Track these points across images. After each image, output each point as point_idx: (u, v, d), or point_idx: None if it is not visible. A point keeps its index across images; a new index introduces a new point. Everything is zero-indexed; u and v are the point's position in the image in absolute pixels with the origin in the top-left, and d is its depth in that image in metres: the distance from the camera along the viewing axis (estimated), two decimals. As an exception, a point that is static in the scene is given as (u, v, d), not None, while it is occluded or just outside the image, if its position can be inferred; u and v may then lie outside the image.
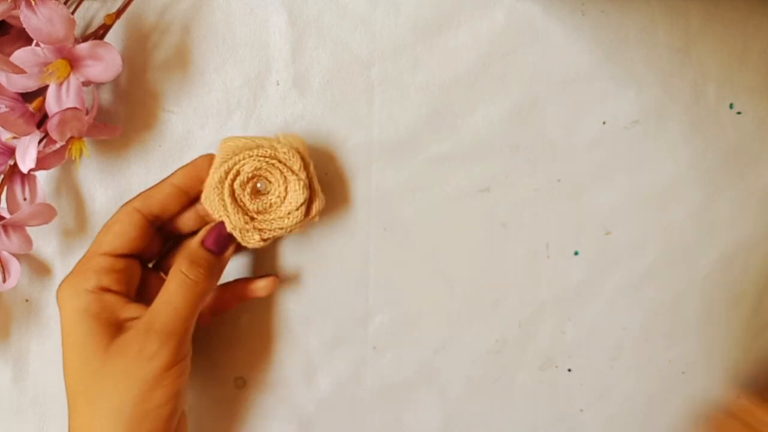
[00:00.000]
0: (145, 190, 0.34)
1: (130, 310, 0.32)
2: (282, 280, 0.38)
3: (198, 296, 0.32)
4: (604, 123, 0.37)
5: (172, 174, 0.34)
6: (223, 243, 0.34)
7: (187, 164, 0.34)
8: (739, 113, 0.37)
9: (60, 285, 0.32)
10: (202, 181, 0.34)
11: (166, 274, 0.35)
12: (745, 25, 0.36)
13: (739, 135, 0.37)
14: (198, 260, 0.32)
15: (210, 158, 0.34)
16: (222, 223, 0.34)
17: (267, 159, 0.33)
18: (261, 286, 0.36)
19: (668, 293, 0.38)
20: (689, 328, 0.38)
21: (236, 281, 0.37)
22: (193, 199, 0.34)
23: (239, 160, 0.33)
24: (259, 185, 0.34)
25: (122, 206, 0.33)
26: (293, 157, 0.33)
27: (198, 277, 0.32)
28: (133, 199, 0.33)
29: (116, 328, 0.31)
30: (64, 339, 0.32)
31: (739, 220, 0.37)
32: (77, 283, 0.32)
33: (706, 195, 0.37)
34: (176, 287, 0.32)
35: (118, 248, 0.32)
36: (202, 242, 0.33)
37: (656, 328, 0.38)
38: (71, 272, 0.32)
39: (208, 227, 0.34)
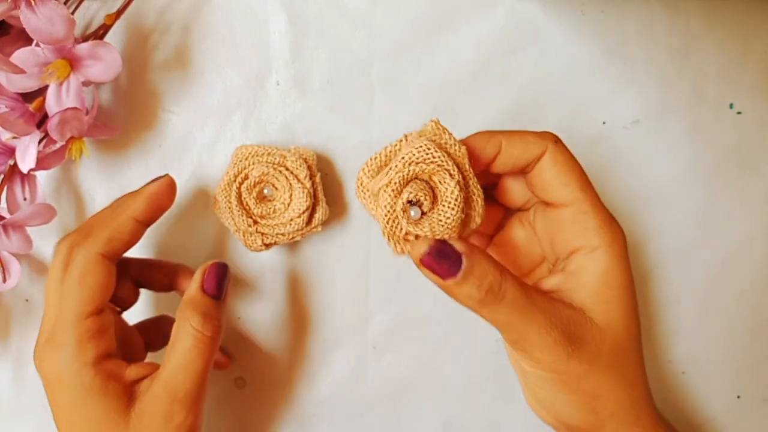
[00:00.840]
0: (102, 228, 0.30)
1: (132, 371, 0.30)
2: (282, 280, 0.38)
3: (215, 351, 0.30)
4: (604, 123, 0.37)
5: (130, 205, 0.31)
6: (223, 281, 0.31)
7: (147, 194, 0.31)
8: (739, 113, 0.37)
9: (42, 357, 0.29)
10: (163, 208, 0.32)
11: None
12: (745, 26, 0.36)
13: (739, 135, 0.37)
14: (209, 311, 0.30)
15: (169, 181, 0.32)
16: (215, 263, 0.32)
17: (275, 165, 0.34)
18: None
19: (668, 293, 0.38)
20: (689, 328, 0.38)
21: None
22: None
23: (248, 165, 0.34)
24: (266, 191, 0.34)
25: (79, 251, 0.29)
26: (300, 165, 0.34)
27: (213, 331, 0.29)
28: (90, 240, 0.29)
29: (127, 397, 0.29)
30: (65, 418, 0.29)
31: (739, 220, 0.37)
32: (71, 356, 0.28)
33: (706, 195, 0.37)
34: (193, 348, 0.29)
35: (100, 304, 0.29)
36: (203, 288, 0.31)
37: (656, 328, 0.38)
38: (51, 340, 0.29)
39: (201, 271, 0.31)
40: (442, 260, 0.25)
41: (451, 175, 0.25)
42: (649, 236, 0.37)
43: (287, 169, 0.34)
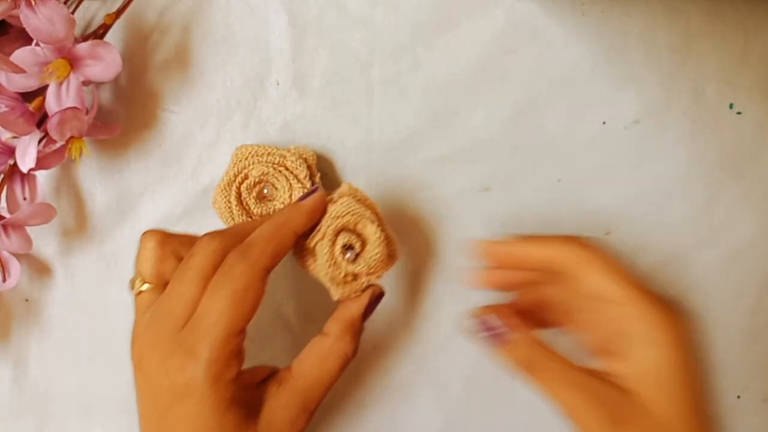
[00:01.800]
0: (267, 242, 0.29)
1: (256, 375, 0.30)
2: (281, 280, 0.38)
3: None
4: (604, 123, 0.37)
5: (290, 217, 0.30)
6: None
7: (308, 209, 0.31)
8: (739, 113, 0.37)
9: (180, 366, 0.27)
10: (315, 222, 0.31)
11: None
12: (745, 26, 0.36)
13: (739, 135, 0.37)
14: (358, 336, 0.31)
15: (323, 195, 0.31)
16: (382, 292, 0.32)
17: (275, 165, 0.34)
18: None
19: (668, 293, 0.38)
20: (689, 328, 0.38)
21: None
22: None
23: (248, 165, 0.34)
24: (265, 191, 0.34)
25: (242, 261, 0.28)
26: (300, 165, 0.34)
27: (355, 354, 0.31)
28: (256, 254, 0.28)
29: (256, 402, 0.29)
30: (187, 428, 0.27)
31: (739, 220, 0.37)
32: (216, 373, 0.27)
33: (706, 195, 0.37)
34: (338, 369, 0.30)
35: (251, 318, 0.28)
36: (366, 314, 0.32)
37: (656, 328, 0.38)
38: (191, 352, 0.27)
39: (367, 297, 0.32)
40: (488, 331, 0.29)
41: (371, 221, 0.31)
42: (649, 236, 0.37)
43: (287, 169, 0.34)
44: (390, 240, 0.32)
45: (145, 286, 0.30)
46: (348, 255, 0.30)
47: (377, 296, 0.32)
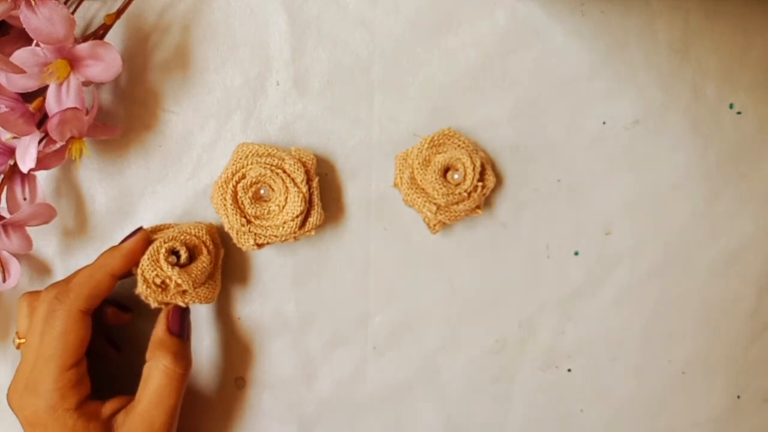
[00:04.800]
0: (82, 286, 0.32)
1: (107, 408, 0.33)
2: (282, 280, 0.38)
3: (185, 385, 0.33)
4: (604, 123, 0.37)
5: (107, 261, 0.33)
6: (185, 321, 0.34)
7: (125, 251, 0.33)
8: (739, 113, 0.37)
9: (23, 404, 0.31)
10: (137, 261, 0.33)
11: None
12: (744, 25, 0.36)
13: (739, 135, 0.37)
14: (178, 351, 0.33)
15: (144, 236, 0.34)
16: (175, 305, 0.34)
17: (273, 167, 0.34)
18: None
19: (668, 293, 0.38)
20: (689, 328, 0.38)
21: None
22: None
23: (246, 164, 0.34)
24: (262, 191, 0.34)
25: (60, 307, 0.32)
26: (298, 169, 0.34)
27: (184, 368, 0.33)
28: (72, 298, 0.32)
29: (106, 431, 0.32)
30: None
31: (739, 220, 0.37)
32: (55, 404, 0.31)
33: (706, 195, 0.37)
34: (166, 385, 0.32)
35: (79, 356, 0.32)
36: (170, 330, 0.34)
37: (656, 328, 0.38)
38: (32, 389, 0.31)
39: (165, 315, 0.34)
40: None
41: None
42: (649, 236, 0.37)
43: (285, 171, 0.34)
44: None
45: (23, 340, 0.33)
46: (171, 258, 0.33)
47: (175, 312, 0.34)
